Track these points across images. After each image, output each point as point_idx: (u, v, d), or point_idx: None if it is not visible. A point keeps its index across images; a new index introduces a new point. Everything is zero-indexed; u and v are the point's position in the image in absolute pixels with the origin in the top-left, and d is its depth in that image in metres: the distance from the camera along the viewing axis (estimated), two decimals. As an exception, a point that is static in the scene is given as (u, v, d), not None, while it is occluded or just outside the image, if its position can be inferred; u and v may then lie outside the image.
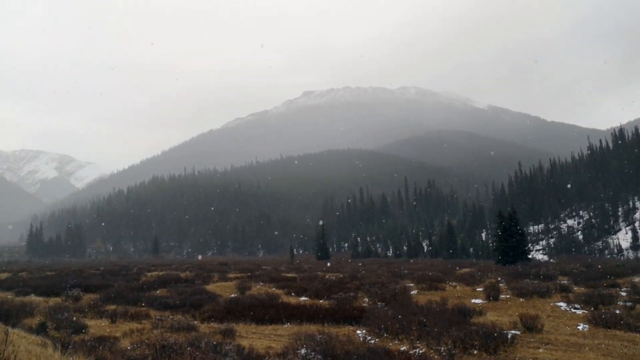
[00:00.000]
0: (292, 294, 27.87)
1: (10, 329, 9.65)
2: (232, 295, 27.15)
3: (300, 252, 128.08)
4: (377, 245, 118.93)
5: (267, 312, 20.33)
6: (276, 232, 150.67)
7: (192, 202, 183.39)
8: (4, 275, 45.98)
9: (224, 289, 29.56)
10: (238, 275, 39.28)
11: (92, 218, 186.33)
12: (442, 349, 12.76)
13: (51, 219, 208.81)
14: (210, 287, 30.19)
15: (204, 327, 18.24)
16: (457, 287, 28.90)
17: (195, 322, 19.26)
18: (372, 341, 15.15)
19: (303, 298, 26.51)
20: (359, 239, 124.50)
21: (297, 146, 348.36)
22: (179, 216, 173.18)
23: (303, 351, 12.47)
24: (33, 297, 27.97)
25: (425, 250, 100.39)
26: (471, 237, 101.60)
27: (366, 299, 24.95)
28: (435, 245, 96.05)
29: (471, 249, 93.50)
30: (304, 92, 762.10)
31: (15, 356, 5.12)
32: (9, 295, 28.04)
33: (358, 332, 16.75)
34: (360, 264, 63.26)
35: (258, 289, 29.62)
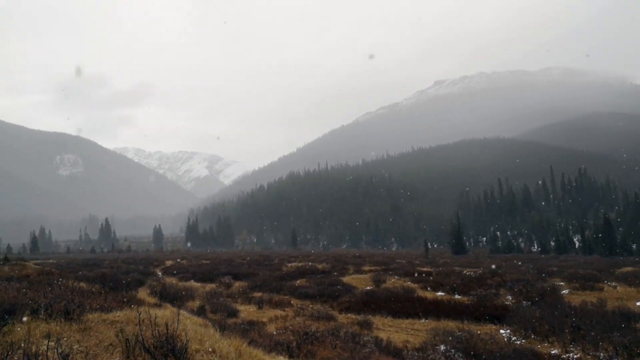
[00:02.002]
0: (428, 289, 27.35)
1: (177, 310, 10.97)
2: (368, 288, 27.53)
3: (435, 246, 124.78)
4: (519, 240, 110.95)
5: (403, 306, 20.26)
6: (409, 226, 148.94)
7: (326, 196, 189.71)
8: (169, 263, 52.49)
9: (360, 281, 30.11)
10: (372, 268, 39.70)
11: (238, 211, 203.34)
12: (601, 354, 11.51)
13: (204, 213, 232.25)
14: (346, 279, 30.97)
15: (341, 318, 18.80)
16: (618, 288, 25.72)
17: (334, 312, 19.95)
18: (518, 342, 14.24)
19: (439, 293, 25.88)
20: (498, 233, 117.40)
21: (429, 137, 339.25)
22: (314, 210, 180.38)
23: (442, 347, 12.19)
24: (193, 283, 31.49)
25: (576, 247, 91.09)
26: (635, 232, 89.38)
27: (509, 297, 23.50)
28: (588, 240, 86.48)
29: (634, 246, 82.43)
30: (435, 82, 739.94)
31: (185, 333, 5.85)
32: (173, 280, 31.92)
33: (501, 331, 15.88)
34: (500, 260, 59.67)
35: (393, 282, 29.62)
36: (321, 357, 9.74)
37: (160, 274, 38.02)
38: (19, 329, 7.13)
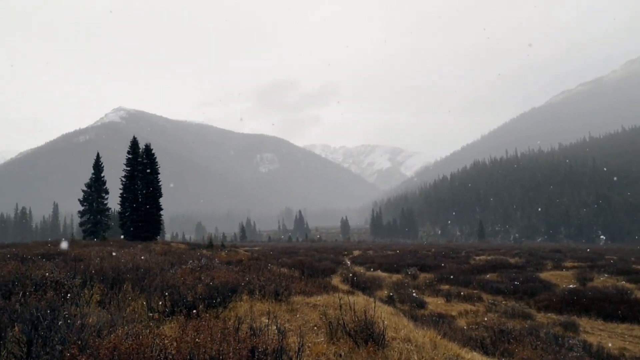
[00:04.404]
0: (650, 291, 23.37)
1: (368, 298, 11.47)
2: (570, 286, 24.77)
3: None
4: None
5: (617, 308, 17.74)
6: (620, 217, 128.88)
7: (516, 186, 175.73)
8: (357, 253, 54.99)
9: (560, 278, 27.28)
10: (575, 264, 35.53)
11: (420, 203, 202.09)
12: None
13: (387, 205, 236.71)
14: (543, 275, 28.38)
15: (540, 317, 17.36)
16: None
17: (530, 310, 18.52)
18: None
19: (665, 297, 21.89)
20: None
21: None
22: (503, 200, 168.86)
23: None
24: (379, 273, 32.48)
25: None
26: None
27: None
28: None
29: None
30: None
31: (382, 321, 6.11)
32: (361, 269, 33.37)
33: None
34: None
35: (602, 281, 26.09)
36: (520, 358, 9.14)
37: (349, 263, 40.11)
38: (239, 305, 8.35)
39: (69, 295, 7.93)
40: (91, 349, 4.33)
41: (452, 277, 28.28)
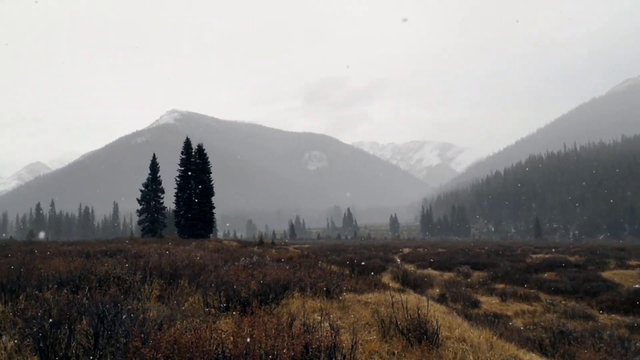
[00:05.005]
0: None
1: (420, 296, 11.33)
2: (636, 286, 23.39)
3: None
4: None
5: (689, 311, 16.61)
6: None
7: (575, 181, 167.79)
8: (406, 250, 54.35)
9: (625, 278, 25.82)
10: (642, 263, 33.52)
11: (472, 200, 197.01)
12: None
13: (437, 202, 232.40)
14: (606, 274, 26.96)
15: (603, 318, 16.53)
16: None
17: (592, 311, 17.67)
18: None
19: None
20: None
21: None
22: (561, 196, 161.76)
23: None
24: (430, 271, 31.93)
25: None
26: None
27: None
28: None
29: None
30: None
31: (436, 320, 6.03)
32: (412, 267, 32.94)
33: None
34: None
35: (673, 281, 24.49)
36: (582, 360, 8.75)
37: (398, 260, 39.68)
38: (291, 302, 8.47)
39: (130, 290, 8.33)
40: (153, 342, 4.53)
41: (507, 275, 27.41)
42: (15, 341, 5.81)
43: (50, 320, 5.39)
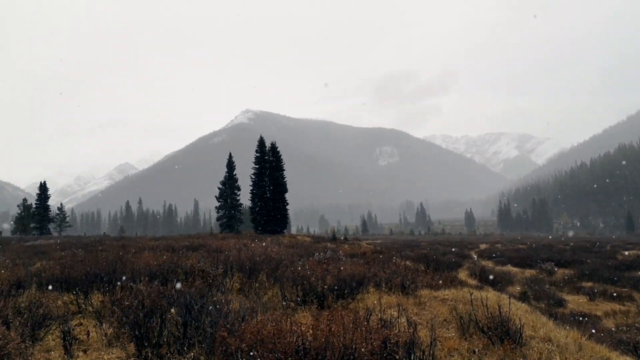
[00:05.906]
0: None
1: (499, 294, 10.95)
2: None
3: None
4: None
5: None
6: None
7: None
8: (484, 246, 52.46)
9: None
10: None
11: (555, 193, 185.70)
12: None
13: (516, 195, 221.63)
14: None
15: None
16: None
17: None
18: None
19: None
20: None
21: None
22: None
23: None
24: (510, 267, 30.57)
25: None
26: None
27: None
28: None
29: None
30: None
31: (518, 318, 5.81)
32: (489, 264, 31.74)
33: None
34: None
35: None
36: (685, 366, 8.02)
37: (475, 256, 38.38)
38: (367, 297, 8.52)
39: (214, 283, 8.79)
40: (237, 333, 4.78)
41: (596, 273, 25.66)
42: (114, 328, 6.36)
43: (145, 310, 5.83)
